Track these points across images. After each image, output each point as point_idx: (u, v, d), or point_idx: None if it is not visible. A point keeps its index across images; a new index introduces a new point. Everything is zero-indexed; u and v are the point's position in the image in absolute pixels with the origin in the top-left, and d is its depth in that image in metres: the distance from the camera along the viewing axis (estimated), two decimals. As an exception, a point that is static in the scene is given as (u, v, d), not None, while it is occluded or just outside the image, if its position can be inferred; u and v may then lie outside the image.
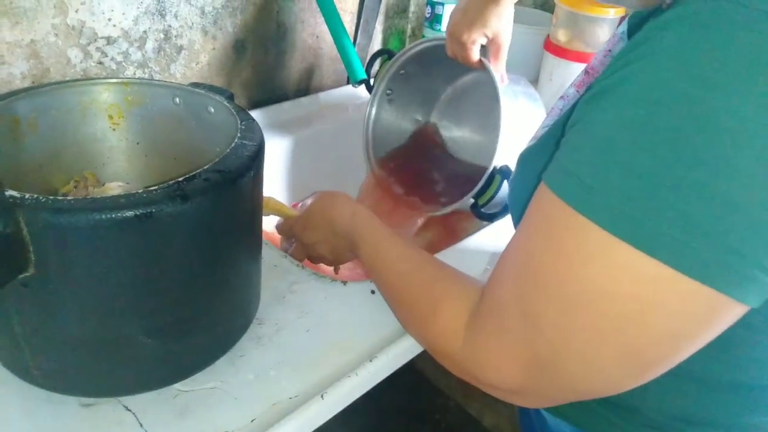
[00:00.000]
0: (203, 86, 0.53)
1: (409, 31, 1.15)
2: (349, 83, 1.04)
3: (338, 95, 1.03)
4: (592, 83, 0.44)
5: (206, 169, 0.41)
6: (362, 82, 0.89)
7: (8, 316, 0.40)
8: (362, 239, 0.56)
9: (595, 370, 0.36)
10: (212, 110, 0.52)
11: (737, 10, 0.29)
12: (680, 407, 0.44)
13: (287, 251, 0.68)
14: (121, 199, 0.37)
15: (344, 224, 0.59)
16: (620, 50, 0.34)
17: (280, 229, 0.70)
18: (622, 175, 0.31)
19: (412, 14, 1.14)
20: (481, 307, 0.41)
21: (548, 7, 1.28)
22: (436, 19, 1.06)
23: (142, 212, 0.37)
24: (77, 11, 0.70)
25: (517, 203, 0.50)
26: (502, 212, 0.71)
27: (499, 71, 0.73)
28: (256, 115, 0.50)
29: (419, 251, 0.53)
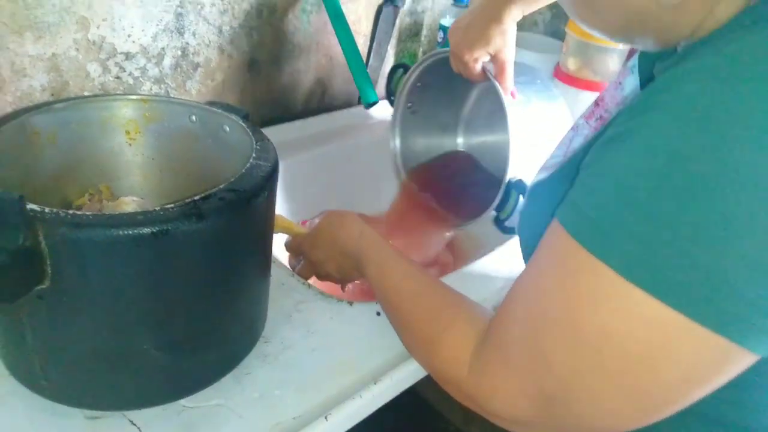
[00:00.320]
0: (219, 105, 0.54)
1: (420, 54, 1.16)
2: (360, 104, 1.05)
3: (349, 116, 1.04)
4: (607, 123, 0.45)
5: (222, 188, 0.42)
6: (373, 104, 0.90)
7: (21, 326, 0.41)
8: (369, 260, 0.57)
9: (603, 409, 0.36)
10: (227, 129, 0.53)
11: (757, 62, 0.29)
12: None
13: (295, 268, 0.68)
14: (138, 216, 0.38)
15: (351, 244, 0.59)
16: (633, 88, 0.35)
17: (288, 246, 0.70)
18: (639, 221, 0.31)
19: (424, 38, 1.15)
20: (489, 337, 0.41)
21: (559, 34, 1.29)
22: (447, 43, 1.07)
23: (158, 229, 0.37)
24: (98, 27, 0.71)
25: (527, 236, 0.50)
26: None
27: (508, 87, 0.71)
28: (267, 132, 0.51)
29: (426, 274, 0.53)
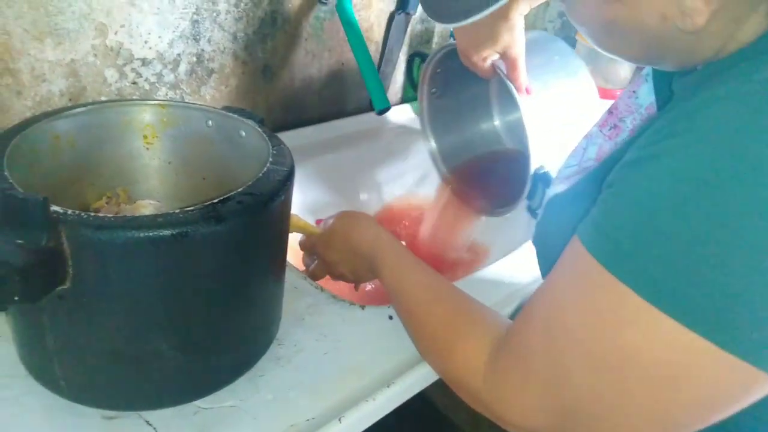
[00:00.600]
0: (235, 110, 0.55)
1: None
2: (372, 110, 1.06)
3: (361, 122, 1.05)
4: (628, 141, 0.44)
5: (240, 191, 0.43)
6: (386, 110, 0.91)
7: (42, 326, 0.41)
8: (383, 263, 0.57)
9: (621, 427, 0.35)
10: (243, 134, 0.54)
11: None
12: None
13: (309, 267, 0.68)
14: (158, 218, 0.38)
15: (366, 246, 0.59)
16: (648, 97, 0.34)
17: (302, 245, 0.70)
18: (663, 246, 0.31)
19: (435, 45, 1.16)
20: (506, 346, 0.41)
21: (569, 42, 1.29)
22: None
23: (178, 231, 0.38)
24: (116, 33, 0.73)
25: (545, 249, 0.50)
26: None
27: (522, 84, 0.69)
28: (279, 137, 0.51)
29: (441, 279, 0.53)
